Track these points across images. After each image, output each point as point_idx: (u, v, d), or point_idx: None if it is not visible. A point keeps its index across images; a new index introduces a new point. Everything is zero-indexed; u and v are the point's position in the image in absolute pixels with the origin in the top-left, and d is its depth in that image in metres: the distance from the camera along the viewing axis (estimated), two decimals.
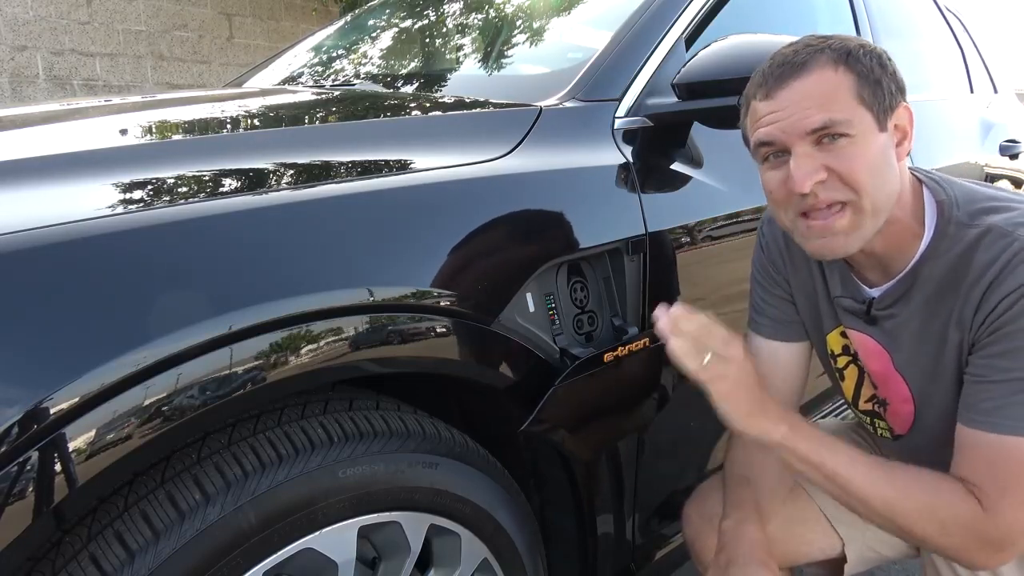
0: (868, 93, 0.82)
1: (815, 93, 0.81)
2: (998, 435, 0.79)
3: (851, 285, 0.97)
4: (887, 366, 0.96)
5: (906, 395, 0.96)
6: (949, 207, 0.86)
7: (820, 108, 0.81)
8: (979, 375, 0.83)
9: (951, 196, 0.87)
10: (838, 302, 0.99)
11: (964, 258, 0.83)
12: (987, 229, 0.83)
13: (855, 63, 0.82)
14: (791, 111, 0.82)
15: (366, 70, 1.76)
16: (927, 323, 0.89)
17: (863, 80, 0.82)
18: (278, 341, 0.70)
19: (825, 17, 1.93)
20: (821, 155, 0.82)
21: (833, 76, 0.82)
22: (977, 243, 0.83)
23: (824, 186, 0.82)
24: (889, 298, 0.92)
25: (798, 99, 0.82)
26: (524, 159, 1.01)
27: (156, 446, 0.64)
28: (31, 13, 4.68)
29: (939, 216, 0.87)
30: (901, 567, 1.80)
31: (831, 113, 0.80)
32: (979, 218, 0.84)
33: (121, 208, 0.68)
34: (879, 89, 0.82)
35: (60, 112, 1.22)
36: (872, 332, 0.97)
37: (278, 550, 0.75)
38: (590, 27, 1.52)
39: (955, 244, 0.85)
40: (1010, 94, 2.87)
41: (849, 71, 0.82)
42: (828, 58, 0.82)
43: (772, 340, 1.07)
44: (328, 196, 0.79)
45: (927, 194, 0.89)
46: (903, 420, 0.99)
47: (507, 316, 0.92)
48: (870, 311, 0.94)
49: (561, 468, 1.07)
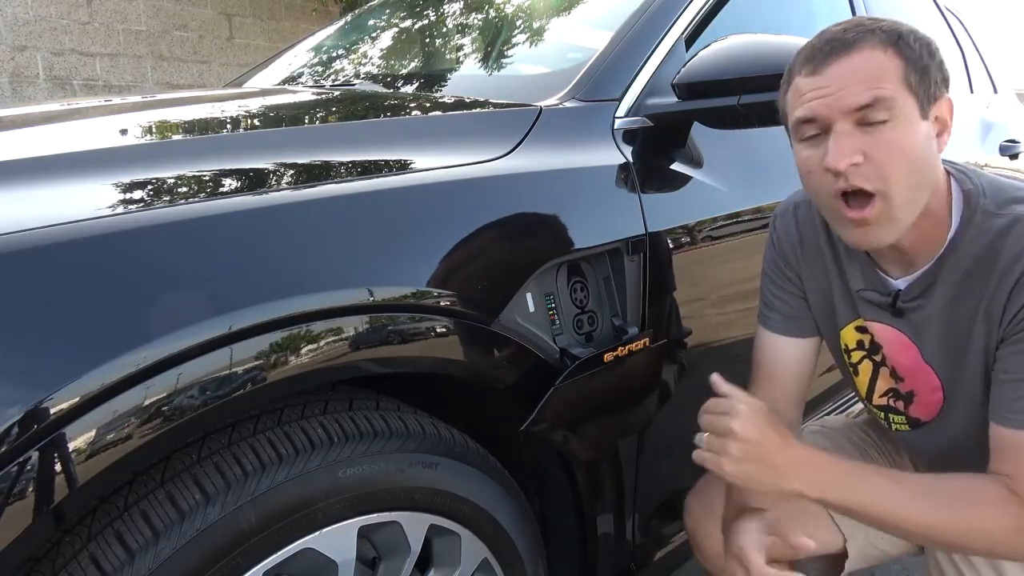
0: (915, 79, 0.81)
1: (863, 71, 0.80)
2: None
3: (874, 278, 0.96)
4: (915, 358, 0.96)
5: (936, 384, 0.96)
6: (976, 196, 0.86)
7: (867, 86, 0.80)
8: (1009, 371, 0.83)
9: (978, 185, 0.87)
10: (861, 295, 0.98)
11: (992, 248, 0.83)
12: (1015, 219, 0.82)
13: (905, 47, 0.81)
14: (837, 86, 0.81)
15: (366, 70, 1.76)
16: (953, 312, 0.89)
17: (911, 65, 0.81)
18: (278, 341, 0.70)
19: (825, 17, 1.93)
20: (862, 137, 0.81)
21: (883, 56, 0.81)
22: (1005, 233, 0.82)
23: (857, 170, 0.81)
24: (916, 289, 0.91)
25: (844, 75, 0.81)
26: (524, 159, 1.01)
27: (156, 446, 0.64)
28: (31, 13, 4.68)
29: (966, 205, 0.86)
30: (901, 567, 1.80)
31: (878, 91, 0.79)
32: (1007, 207, 0.84)
33: (121, 208, 0.68)
34: (926, 76, 0.81)
35: (60, 112, 1.22)
36: (898, 324, 0.96)
37: (278, 550, 0.75)
38: (590, 27, 1.52)
39: (982, 234, 0.84)
40: (1010, 94, 2.87)
41: (898, 54, 0.81)
42: (879, 39, 0.81)
43: (781, 335, 1.07)
44: (328, 196, 0.79)
45: (953, 184, 0.89)
46: (930, 408, 0.99)
47: (507, 316, 0.92)
48: (896, 303, 0.94)
49: (561, 468, 1.07)
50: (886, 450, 1.19)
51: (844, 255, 1.00)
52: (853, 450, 1.17)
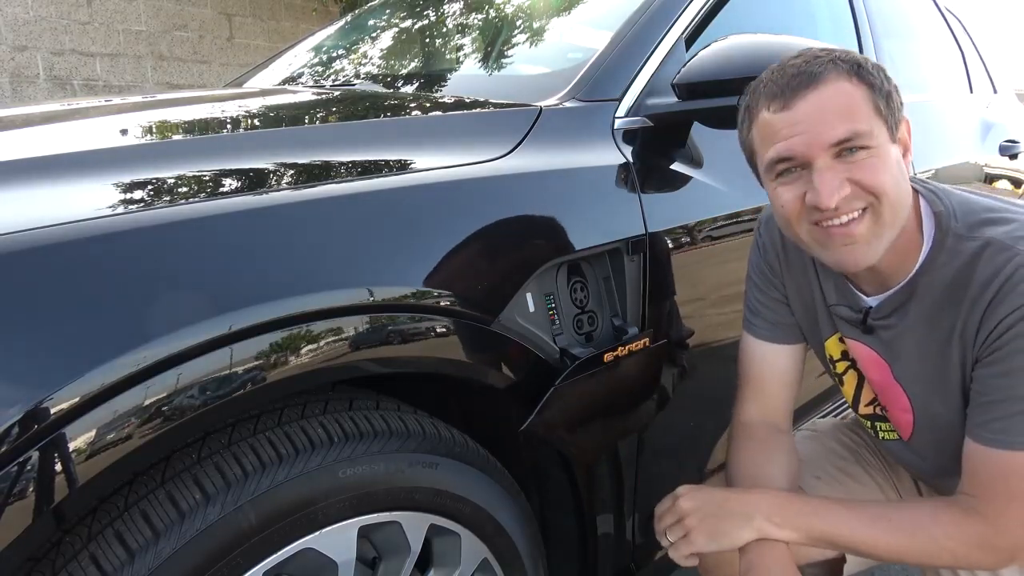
0: (883, 105, 0.81)
1: (835, 105, 0.80)
2: (1010, 451, 0.80)
3: (847, 293, 0.96)
4: (886, 376, 0.96)
5: (905, 405, 0.96)
6: (947, 218, 0.86)
7: (843, 120, 0.79)
8: (983, 392, 0.83)
9: (948, 207, 0.86)
10: (834, 310, 0.99)
11: (964, 272, 0.83)
12: (986, 243, 0.82)
13: (867, 75, 0.81)
14: (812, 123, 0.80)
15: (366, 70, 1.76)
16: (927, 336, 0.89)
17: (876, 92, 0.81)
18: (278, 341, 0.70)
19: (825, 17, 1.93)
20: (843, 168, 0.80)
21: (850, 87, 0.80)
22: (977, 257, 0.82)
23: (847, 199, 0.81)
24: (887, 308, 0.92)
25: (817, 111, 0.80)
26: (524, 159, 1.01)
27: (156, 446, 0.64)
28: (31, 13, 4.68)
29: (937, 228, 0.86)
30: (901, 568, 1.80)
31: (855, 124, 0.79)
32: (978, 230, 0.84)
33: (121, 208, 0.68)
34: (890, 101, 0.82)
35: (60, 112, 1.22)
36: (869, 341, 0.96)
37: (278, 550, 0.75)
38: (590, 27, 1.52)
39: (954, 257, 0.84)
40: (1010, 94, 2.87)
41: (863, 83, 0.81)
42: (842, 70, 0.81)
43: (767, 342, 1.07)
44: (328, 196, 0.79)
45: (924, 205, 0.88)
46: (904, 427, 1.00)
47: (507, 316, 0.92)
48: (866, 320, 0.94)
49: (561, 468, 1.07)
50: (879, 452, 1.18)
51: (821, 268, 1.00)
52: (845, 452, 1.17)
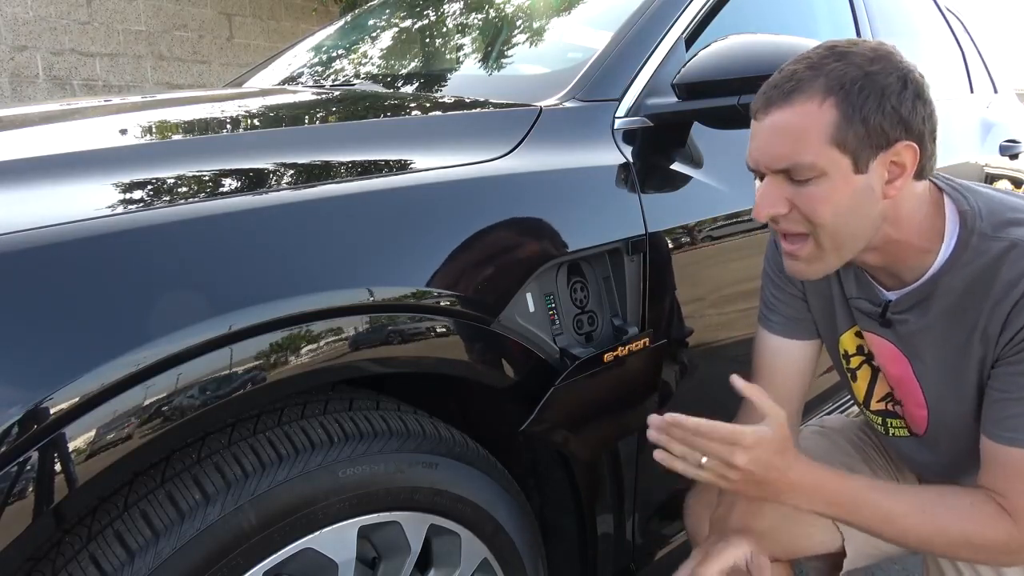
0: (851, 135, 0.78)
1: (787, 132, 0.80)
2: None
3: (867, 287, 0.97)
4: (906, 371, 0.97)
5: (920, 401, 0.97)
6: (972, 218, 0.85)
7: (787, 150, 0.80)
8: (1003, 390, 0.83)
9: (974, 206, 0.86)
10: (854, 303, 0.99)
11: (988, 272, 0.83)
12: (1013, 243, 0.82)
13: (846, 96, 0.77)
14: (765, 143, 0.83)
15: (366, 70, 1.76)
16: (947, 333, 0.89)
17: (848, 118, 0.77)
18: (278, 341, 0.70)
19: (825, 17, 1.93)
20: (790, 189, 0.82)
21: (815, 111, 0.78)
22: (1002, 258, 0.82)
23: (786, 218, 0.84)
24: (905, 303, 0.92)
25: (771, 133, 0.82)
26: (524, 159, 1.01)
27: (156, 446, 0.64)
28: (31, 13, 4.67)
29: (962, 226, 0.86)
30: (901, 567, 1.80)
31: (797, 158, 0.80)
32: (1003, 230, 0.83)
33: (121, 208, 0.68)
34: (866, 129, 0.77)
35: (60, 112, 1.22)
36: (887, 335, 0.96)
37: (278, 550, 0.75)
38: (590, 27, 1.52)
39: (978, 256, 0.84)
40: (1010, 94, 2.87)
41: (835, 106, 0.77)
42: (819, 88, 0.78)
43: (782, 337, 1.07)
44: (328, 196, 0.79)
45: (948, 204, 0.88)
46: (918, 423, 1.00)
47: (507, 316, 0.92)
48: (885, 314, 0.94)
49: (561, 468, 1.07)
50: (884, 450, 1.19)
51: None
52: (852, 450, 1.17)
